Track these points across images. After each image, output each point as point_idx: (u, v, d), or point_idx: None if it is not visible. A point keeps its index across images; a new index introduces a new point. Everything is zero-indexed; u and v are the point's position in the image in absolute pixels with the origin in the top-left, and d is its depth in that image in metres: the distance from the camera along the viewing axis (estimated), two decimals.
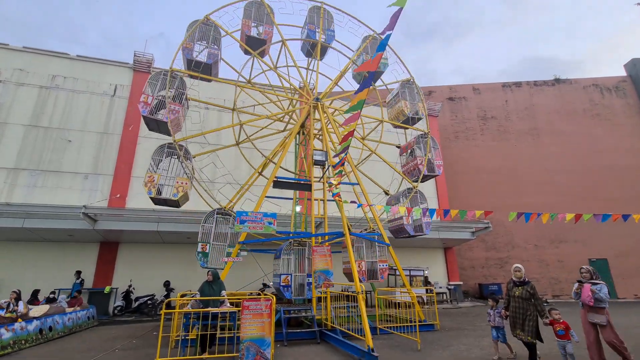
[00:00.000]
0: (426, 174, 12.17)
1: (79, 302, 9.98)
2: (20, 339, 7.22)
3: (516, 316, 5.45)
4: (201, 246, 9.10)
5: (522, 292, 5.43)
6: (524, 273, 5.58)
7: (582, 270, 5.46)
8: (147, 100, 9.82)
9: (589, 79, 24.81)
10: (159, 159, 9.84)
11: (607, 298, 5.04)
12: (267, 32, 12.06)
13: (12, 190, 13.01)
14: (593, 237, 20.18)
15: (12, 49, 14.77)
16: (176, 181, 9.47)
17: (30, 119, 14.04)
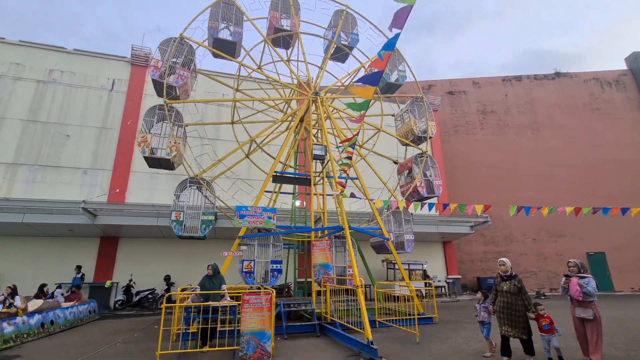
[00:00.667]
0: (425, 195, 12.13)
1: (77, 297, 9.96)
2: (23, 333, 7.28)
3: (504, 312, 5.26)
4: (175, 215, 9.26)
5: (509, 287, 5.25)
6: (509, 266, 5.41)
7: (569, 263, 5.33)
8: (157, 65, 9.82)
9: (589, 73, 24.70)
10: (151, 120, 9.88)
11: (595, 292, 4.93)
12: (293, 25, 12.16)
13: (11, 185, 13.00)
14: (591, 231, 20.29)
15: (8, 43, 14.64)
16: (169, 141, 9.53)
17: (28, 113, 13.97)
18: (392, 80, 13.03)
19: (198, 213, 9.67)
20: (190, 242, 14.04)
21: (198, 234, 9.25)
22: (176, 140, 9.64)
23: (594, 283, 4.97)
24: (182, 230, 9.38)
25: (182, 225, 9.40)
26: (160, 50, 10.29)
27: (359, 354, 6.14)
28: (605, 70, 24.82)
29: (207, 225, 9.77)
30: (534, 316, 5.20)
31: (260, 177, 13.04)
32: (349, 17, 13.25)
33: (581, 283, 4.98)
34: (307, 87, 12.47)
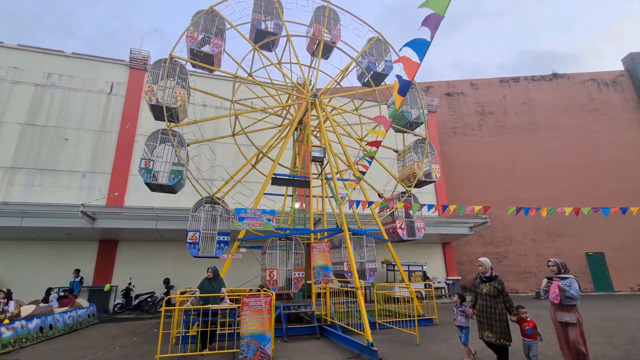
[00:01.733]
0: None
1: (70, 302, 9.68)
2: (21, 338, 7.24)
3: (484, 315, 4.88)
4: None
5: (489, 289, 4.87)
6: (489, 267, 5.04)
7: (549, 263, 4.93)
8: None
9: (586, 74, 24.83)
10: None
11: (578, 295, 4.56)
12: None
13: (9, 189, 12.96)
14: (590, 231, 20.33)
15: (6, 47, 14.64)
16: (174, 91, 9.44)
17: (26, 117, 13.95)
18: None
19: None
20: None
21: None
22: (181, 92, 9.65)
23: (576, 285, 4.62)
24: (150, 178, 9.19)
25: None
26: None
27: (359, 356, 6.13)
28: (602, 71, 24.94)
29: (177, 175, 9.59)
30: (516, 319, 4.88)
31: (259, 179, 13.02)
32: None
33: (562, 286, 4.58)
34: (303, 89, 12.50)
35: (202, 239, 9.15)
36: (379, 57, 13.33)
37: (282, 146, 11.00)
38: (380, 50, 13.43)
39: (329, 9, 13.12)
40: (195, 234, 9.11)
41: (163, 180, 9.34)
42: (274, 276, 8.80)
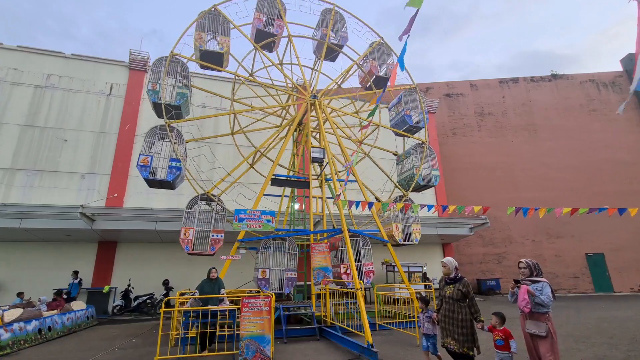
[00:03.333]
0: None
1: (59, 305, 9.16)
2: (19, 339, 7.21)
3: (446, 321, 4.41)
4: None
5: (452, 292, 4.40)
6: (453, 268, 4.53)
7: (520, 265, 4.33)
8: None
9: (585, 74, 24.89)
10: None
11: (550, 301, 3.95)
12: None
13: (8, 190, 12.94)
14: (589, 232, 20.34)
15: (6, 48, 14.63)
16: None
17: (25, 118, 13.94)
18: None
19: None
20: None
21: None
22: (226, 39, 9.87)
23: (549, 290, 3.99)
24: (158, 98, 9.29)
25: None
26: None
27: (359, 357, 6.11)
28: (601, 71, 25.01)
29: (182, 97, 9.78)
30: (488, 328, 4.25)
31: (259, 180, 13.02)
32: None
33: (532, 290, 3.98)
34: (303, 90, 12.50)
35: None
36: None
37: (282, 147, 10.99)
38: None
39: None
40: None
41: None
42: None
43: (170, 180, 9.29)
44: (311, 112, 12.13)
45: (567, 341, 7.00)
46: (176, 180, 9.64)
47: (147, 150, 9.55)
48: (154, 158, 9.53)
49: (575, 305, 13.63)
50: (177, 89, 9.94)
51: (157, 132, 9.85)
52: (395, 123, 12.85)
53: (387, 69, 13.28)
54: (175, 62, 10.32)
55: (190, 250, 8.86)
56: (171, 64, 10.18)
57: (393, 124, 12.98)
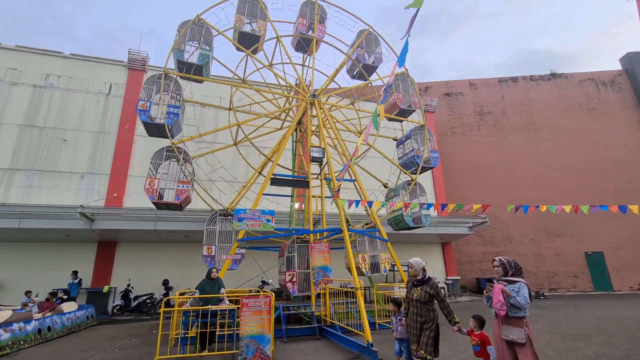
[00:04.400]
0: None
1: (51, 307, 8.93)
2: (19, 340, 7.20)
3: (413, 325, 4.16)
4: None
5: (420, 294, 4.13)
6: (420, 269, 4.26)
7: (494, 263, 3.91)
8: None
9: (584, 73, 24.89)
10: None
11: (526, 303, 3.54)
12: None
13: (8, 190, 12.92)
14: (589, 231, 20.36)
15: (4, 48, 14.60)
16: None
17: (24, 118, 13.91)
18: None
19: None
20: (188, 246, 13.98)
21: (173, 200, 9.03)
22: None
23: (526, 291, 3.59)
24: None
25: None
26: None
27: (359, 357, 6.12)
28: (600, 70, 25.01)
29: (204, 57, 10.07)
30: (467, 331, 3.95)
31: (259, 180, 13.00)
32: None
33: (507, 291, 3.59)
34: (302, 90, 12.50)
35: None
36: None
37: (281, 147, 10.99)
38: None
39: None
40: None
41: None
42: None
43: (178, 201, 9.27)
44: (311, 111, 12.12)
45: (567, 340, 7.01)
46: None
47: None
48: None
49: (574, 303, 13.65)
50: (201, 50, 10.23)
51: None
52: (404, 163, 12.94)
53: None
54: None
55: (155, 199, 8.94)
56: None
57: (402, 163, 13.09)
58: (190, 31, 10.76)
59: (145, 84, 10.22)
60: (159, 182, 9.34)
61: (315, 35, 12.63)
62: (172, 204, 9.36)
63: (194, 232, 12.98)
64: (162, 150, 9.90)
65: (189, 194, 9.58)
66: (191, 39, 10.88)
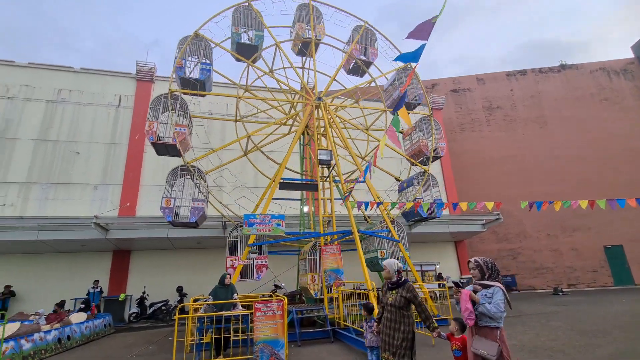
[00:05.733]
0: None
1: (59, 318, 8.67)
2: (40, 349, 7.37)
3: (387, 332, 3.78)
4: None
5: (395, 298, 3.77)
6: (394, 271, 3.92)
7: (469, 265, 3.45)
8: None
9: (595, 63, 24.35)
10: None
11: (499, 312, 3.00)
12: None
13: (25, 204, 13.28)
14: (607, 224, 19.82)
15: (17, 66, 15.06)
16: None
17: (38, 133, 14.31)
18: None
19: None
20: (200, 253, 14.14)
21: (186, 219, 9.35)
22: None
23: (500, 297, 3.06)
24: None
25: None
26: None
27: None
28: (611, 59, 24.43)
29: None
30: (447, 335, 3.69)
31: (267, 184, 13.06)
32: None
33: (474, 297, 3.14)
34: (307, 93, 12.54)
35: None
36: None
37: (289, 151, 11.03)
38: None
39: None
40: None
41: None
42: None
43: (194, 221, 9.58)
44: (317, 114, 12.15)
45: (586, 336, 6.83)
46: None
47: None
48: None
49: (594, 299, 13.29)
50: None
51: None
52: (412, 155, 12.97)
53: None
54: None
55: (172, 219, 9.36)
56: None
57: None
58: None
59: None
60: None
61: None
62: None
63: (205, 239, 13.12)
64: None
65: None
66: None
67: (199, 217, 9.56)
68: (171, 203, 9.48)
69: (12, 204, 13.13)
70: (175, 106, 10.40)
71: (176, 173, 10.14)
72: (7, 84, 14.59)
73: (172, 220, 9.37)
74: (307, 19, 12.79)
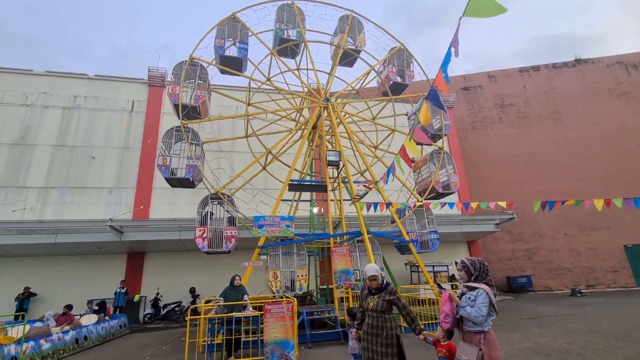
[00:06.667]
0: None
1: (69, 320, 8.68)
2: (59, 349, 7.58)
3: (369, 339, 3.58)
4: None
5: (377, 303, 3.59)
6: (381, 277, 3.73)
7: (457, 266, 3.27)
8: (166, 161, 10.08)
9: (612, 57, 23.62)
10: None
11: (480, 316, 2.79)
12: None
13: (44, 208, 13.70)
14: (627, 222, 19.18)
15: (35, 74, 15.56)
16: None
17: (56, 139, 14.75)
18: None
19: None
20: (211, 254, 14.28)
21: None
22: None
23: (483, 300, 2.83)
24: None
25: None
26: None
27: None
28: (629, 52, 23.66)
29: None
30: (433, 341, 3.47)
31: (277, 186, 13.15)
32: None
33: (455, 298, 3.00)
34: (317, 94, 12.57)
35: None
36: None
37: (297, 152, 11.07)
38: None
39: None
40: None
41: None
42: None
43: (189, 178, 9.71)
44: (324, 116, 12.16)
45: (607, 339, 6.61)
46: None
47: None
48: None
49: (615, 300, 12.86)
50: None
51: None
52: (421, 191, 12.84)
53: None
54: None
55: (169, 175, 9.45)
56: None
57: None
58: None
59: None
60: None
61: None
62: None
63: None
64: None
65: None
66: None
67: (194, 174, 9.71)
68: (167, 161, 9.80)
69: (32, 208, 13.57)
70: (196, 73, 10.71)
71: (171, 134, 10.52)
72: (26, 92, 15.10)
73: (168, 176, 9.61)
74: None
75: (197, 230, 9.52)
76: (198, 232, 9.43)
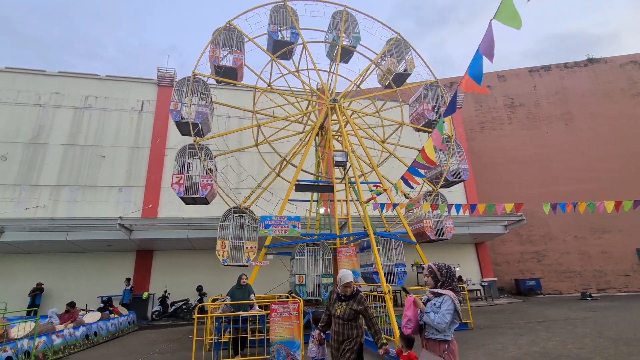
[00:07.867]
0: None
1: (72, 318, 8.61)
2: (70, 344, 7.74)
3: (334, 346, 3.56)
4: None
5: (344, 311, 3.53)
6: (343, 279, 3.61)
7: (424, 272, 3.18)
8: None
9: (626, 56, 23.15)
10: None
11: (443, 323, 2.72)
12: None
13: (55, 205, 13.98)
14: (639, 225, 18.78)
15: (48, 75, 15.88)
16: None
17: (68, 138, 15.04)
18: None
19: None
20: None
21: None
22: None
23: (448, 307, 2.77)
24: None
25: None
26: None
27: None
28: None
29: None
30: (396, 352, 3.46)
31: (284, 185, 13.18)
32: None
33: (419, 304, 2.92)
34: (322, 94, 12.56)
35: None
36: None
37: (304, 152, 11.09)
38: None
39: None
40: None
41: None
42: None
43: (204, 196, 9.64)
44: (332, 116, 12.16)
45: (617, 344, 6.50)
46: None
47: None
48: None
49: (626, 304, 12.61)
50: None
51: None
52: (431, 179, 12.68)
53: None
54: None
55: (227, 262, 9.16)
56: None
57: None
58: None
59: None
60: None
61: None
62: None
63: None
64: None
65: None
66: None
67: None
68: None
69: (44, 206, 13.86)
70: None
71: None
72: (39, 92, 15.42)
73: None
74: (397, 54, 12.88)
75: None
76: (175, 179, 9.50)
